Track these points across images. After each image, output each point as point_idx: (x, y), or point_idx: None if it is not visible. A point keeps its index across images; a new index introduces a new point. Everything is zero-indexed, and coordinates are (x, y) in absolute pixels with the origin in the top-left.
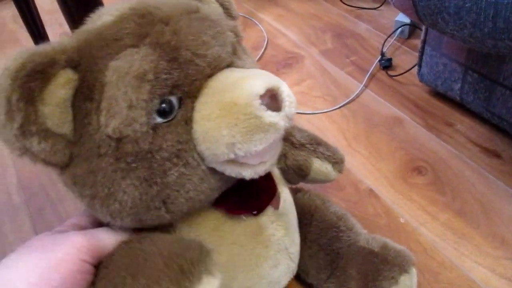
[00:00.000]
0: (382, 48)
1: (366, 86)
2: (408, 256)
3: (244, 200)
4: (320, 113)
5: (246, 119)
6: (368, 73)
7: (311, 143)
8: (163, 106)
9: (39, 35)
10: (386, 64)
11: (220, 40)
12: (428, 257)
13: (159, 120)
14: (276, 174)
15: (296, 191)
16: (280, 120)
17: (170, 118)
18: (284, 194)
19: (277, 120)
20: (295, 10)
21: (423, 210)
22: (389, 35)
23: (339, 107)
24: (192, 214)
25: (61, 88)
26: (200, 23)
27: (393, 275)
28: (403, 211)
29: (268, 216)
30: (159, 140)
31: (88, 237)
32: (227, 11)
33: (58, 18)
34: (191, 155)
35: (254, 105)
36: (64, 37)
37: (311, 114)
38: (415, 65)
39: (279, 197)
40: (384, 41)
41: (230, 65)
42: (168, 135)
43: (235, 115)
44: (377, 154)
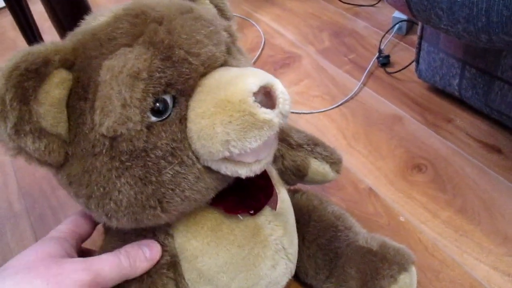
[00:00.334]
0: (380, 45)
1: (364, 84)
2: (408, 255)
3: (241, 199)
4: (318, 112)
5: (240, 116)
6: (366, 70)
7: (309, 144)
8: (157, 105)
9: (35, 42)
10: (384, 61)
11: (214, 39)
12: (429, 255)
13: (153, 119)
14: (273, 175)
15: (293, 191)
16: (274, 117)
17: (164, 117)
18: (282, 195)
19: (271, 117)
20: (293, 10)
21: (423, 208)
22: (386, 32)
23: (338, 106)
24: (189, 214)
25: (55, 88)
26: (193, 23)
27: (392, 273)
28: (403, 209)
29: (266, 217)
30: (154, 139)
31: (91, 272)
32: (222, 12)
33: None
34: (186, 153)
35: (248, 102)
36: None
37: (309, 113)
38: (412, 61)
39: (277, 197)
40: (382, 38)
41: (224, 64)
42: (163, 134)
43: (229, 112)
44: (376, 153)
